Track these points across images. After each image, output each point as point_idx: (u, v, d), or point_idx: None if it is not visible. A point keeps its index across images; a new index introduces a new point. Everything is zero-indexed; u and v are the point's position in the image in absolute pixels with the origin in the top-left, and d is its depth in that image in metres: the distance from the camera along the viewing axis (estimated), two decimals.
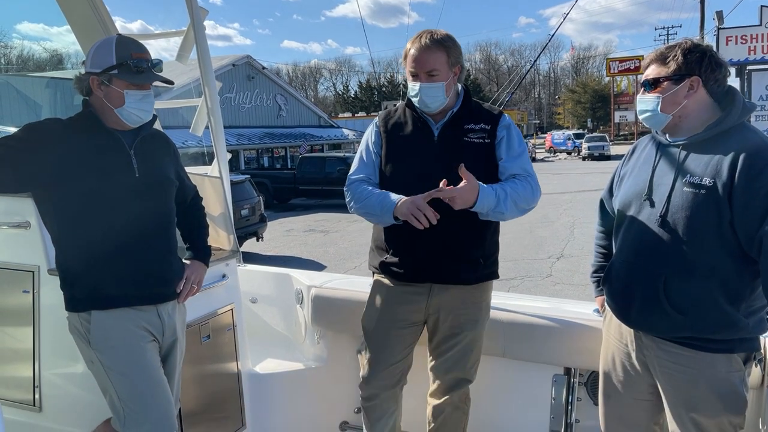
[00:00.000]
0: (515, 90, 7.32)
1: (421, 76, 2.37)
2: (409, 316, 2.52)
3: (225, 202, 3.07)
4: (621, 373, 2.21)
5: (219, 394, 2.90)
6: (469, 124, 2.45)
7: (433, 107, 2.41)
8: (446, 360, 2.54)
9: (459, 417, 2.60)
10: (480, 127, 2.45)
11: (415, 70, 2.37)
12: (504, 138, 2.46)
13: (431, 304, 2.49)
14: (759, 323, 1.97)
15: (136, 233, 2.17)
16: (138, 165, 2.19)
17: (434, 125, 2.46)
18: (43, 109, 5.15)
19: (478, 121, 2.47)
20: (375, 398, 2.58)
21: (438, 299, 2.47)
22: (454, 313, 2.48)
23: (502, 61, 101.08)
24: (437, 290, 2.47)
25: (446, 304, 2.48)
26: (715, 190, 1.88)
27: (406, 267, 2.46)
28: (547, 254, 10.67)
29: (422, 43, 2.36)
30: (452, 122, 2.45)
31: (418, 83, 2.38)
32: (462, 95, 2.50)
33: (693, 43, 2.01)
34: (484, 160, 2.42)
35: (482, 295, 2.55)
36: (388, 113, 2.62)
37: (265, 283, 3.58)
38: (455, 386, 2.55)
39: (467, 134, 2.44)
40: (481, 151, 2.42)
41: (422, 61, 2.36)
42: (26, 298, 2.68)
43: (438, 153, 2.42)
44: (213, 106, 3.09)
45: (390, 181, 2.46)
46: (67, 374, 2.67)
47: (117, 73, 2.11)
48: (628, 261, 2.10)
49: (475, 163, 2.36)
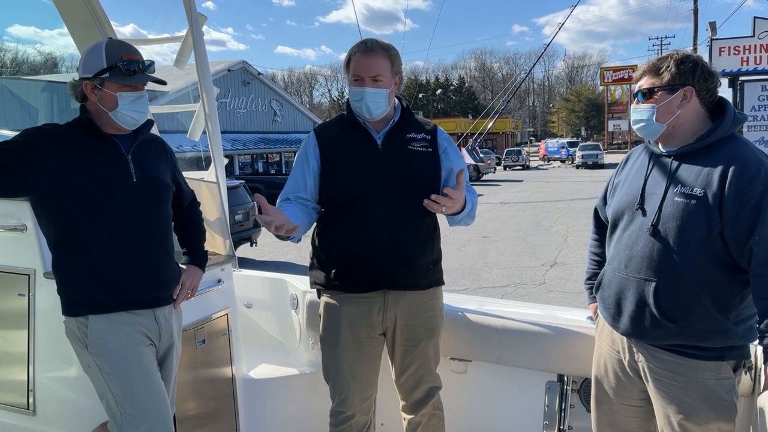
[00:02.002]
0: (511, 98, 7.32)
1: (366, 80, 2.33)
2: (367, 331, 2.46)
3: (222, 206, 3.08)
4: (613, 380, 2.23)
5: (213, 399, 2.90)
6: (410, 133, 2.46)
7: (376, 114, 2.38)
8: (412, 375, 2.53)
9: (436, 423, 2.61)
10: (421, 136, 2.46)
11: (360, 73, 2.33)
12: (447, 147, 2.50)
13: (387, 317, 2.45)
14: (748, 331, 1.99)
15: (133, 238, 2.18)
16: (135, 170, 2.20)
17: (376, 134, 2.43)
18: (39, 112, 5.14)
19: (418, 131, 2.48)
20: (351, 419, 2.51)
21: (393, 307, 2.44)
22: (410, 323, 2.46)
23: (497, 69, 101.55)
24: (392, 298, 2.43)
25: (402, 313, 2.45)
26: (705, 201, 1.91)
27: (361, 276, 2.40)
28: (541, 262, 10.70)
29: (368, 46, 2.35)
30: (394, 131, 2.44)
31: (364, 87, 2.34)
32: (399, 106, 2.50)
33: (684, 53, 2.04)
34: (430, 168, 2.44)
35: (435, 302, 2.54)
36: (324, 125, 2.59)
37: (261, 288, 3.59)
38: (427, 397, 2.55)
39: (410, 143, 2.44)
40: (426, 159, 2.44)
41: (368, 66, 2.33)
42: (21, 301, 2.68)
43: (384, 161, 2.39)
44: (211, 112, 3.10)
45: (336, 193, 2.41)
46: (62, 378, 2.67)
47: (108, 76, 2.12)
48: (620, 269, 2.12)
49: (423, 171, 2.41)
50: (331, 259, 2.44)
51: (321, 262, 2.48)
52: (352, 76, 2.37)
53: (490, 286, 8.92)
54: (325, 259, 2.46)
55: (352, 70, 2.37)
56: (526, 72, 11.36)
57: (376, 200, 2.34)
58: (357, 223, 2.36)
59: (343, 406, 2.50)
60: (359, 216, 2.36)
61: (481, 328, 2.76)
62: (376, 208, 2.34)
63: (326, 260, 2.46)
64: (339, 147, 2.45)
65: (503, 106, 4.37)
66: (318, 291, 2.56)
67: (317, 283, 2.52)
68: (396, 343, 2.51)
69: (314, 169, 2.45)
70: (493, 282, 9.24)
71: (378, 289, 2.42)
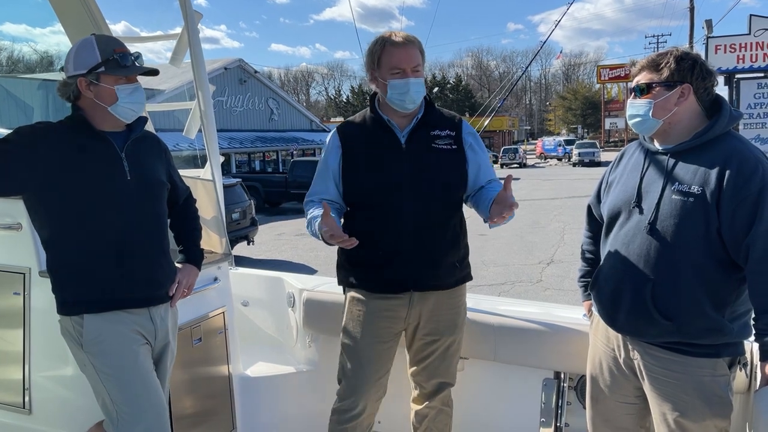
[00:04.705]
0: (507, 96, 7.28)
1: (408, 72, 2.30)
2: (390, 328, 2.46)
3: (217, 205, 3.08)
4: (608, 377, 2.23)
5: (210, 397, 2.90)
6: (434, 130, 2.42)
7: (417, 104, 2.36)
8: (427, 366, 2.52)
9: (443, 420, 2.61)
10: (446, 133, 2.43)
11: (402, 65, 2.29)
12: (472, 144, 2.47)
13: (411, 314, 2.44)
14: (744, 328, 2.00)
15: (127, 236, 2.17)
16: (129, 167, 2.19)
17: (400, 132, 2.39)
18: (34, 111, 5.13)
19: (443, 127, 2.44)
20: (359, 417, 2.49)
21: (419, 307, 2.44)
22: (433, 318, 2.46)
23: (494, 68, 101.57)
24: (417, 298, 2.43)
25: (426, 311, 2.45)
26: (703, 198, 1.91)
27: (387, 278, 2.40)
28: (538, 259, 10.72)
29: (403, 39, 2.31)
30: (418, 129, 2.40)
31: (407, 79, 2.29)
32: (424, 101, 2.43)
33: (683, 51, 2.04)
34: (455, 167, 2.42)
35: (459, 298, 2.54)
36: (347, 122, 2.54)
37: (257, 286, 3.58)
38: (438, 391, 2.55)
39: (434, 140, 2.40)
40: (451, 158, 2.41)
41: (409, 57, 2.30)
42: (17, 300, 2.67)
43: (408, 160, 2.35)
44: (206, 110, 3.10)
45: (359, 192, 2.40)
46: (58, 377, 2.66)
47: (104, 69, 2.11)
48: (616, 267, 2.12)
49: (447, 170, 2.38)
50: (358, 259, 2.43)
51: (349, 262, 2.48)
52: (389, 69, 2.31)
53: (487, 284, 8.93)
54: (352, 260, 2.45)
55: (387, 64, 2.31)
56: (523, 70, 11.22)
57: (400, 202, 2.32)
58: (382, 225, 2.35)
59: (354, 403, 2.47)
60: (384, 217, 2.35)
61: (477, 325, 2.76)
62: (400, 210, 2.33)
63: (354, 260, 2.45)
64: (362, 147, 2.41)
65: (499, 104, 4.37)
66: (344, 288, 2.56)
67: (343, 281, 2.53)
68: (416, 336, 2.51)
69: (334, 171, 2.43)
70: (490, 280, 9.25)
71: (405, 291, 2.42)
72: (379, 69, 2.35)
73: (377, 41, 2.35)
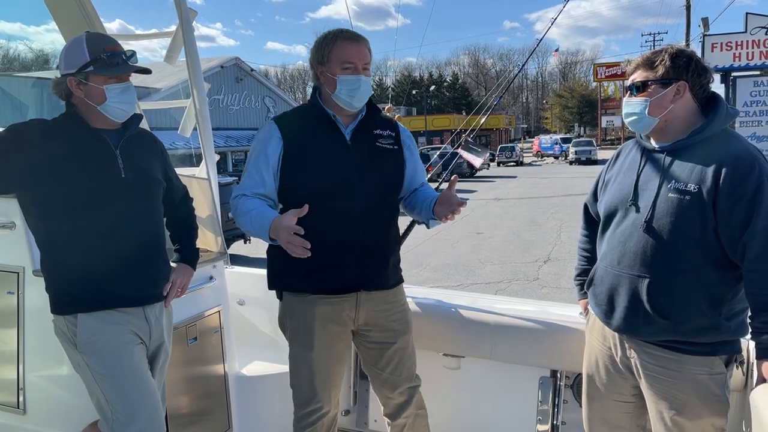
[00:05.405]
0: (503, 94, 7.29)
1: (359, 69, 2.26)
2: (342, 332, 2.40)
3: (213, 203, 3.06)
4: (604, 375, 2.23)
5: (206, 397, 2.89)
6: (376, 129, 2.40)
7: (363, 103, 2.33)
8: (390, 376, 2.46)
9: (421, 422, 2.58)
10: (387, 133, 2.41)
11: (353, 61, 2.25)
12: (410, 146, 2.48)
13: (359, 313, 2.37)
14: (740, 326, 1.99)
15: (122, 234, 2.16)
16: (124, 165, 2.18)
17: (344, 129, 2.33)
18: (29, 109, 5.11)
19: (384, 127, 2.42)
20: (326, 414, 2.43)
21: (365, 307, 2.37)
22: (385, 320, 2.42)
23: (491, 66, 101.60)
24: (364, 299, 2.36)
25: (372, 311, 2.39)
26: (700, 196, 1.91)
27: (335, 279, 2.30)
28: (534, 258, 10.72)
29: (354, 35, 2.29)
30: (361, 127, 2.36)
31: (359, 75, 2.26)
32: None
33: (678, 48, 2.04)
34: (397, 168, 2.41)
35: (401, 298, 2.52)
36: (284, 115, 2.44)
37: (253, 285, 3.57)
38: (409, 398, 2.50)
39: (378, 140, 2.38)
40: (393, 158, 2.40)
41: (361, 53, 2.28)
42: (10, 299, 2.65)
43: (354, 159, 2.29)
44: (201, 108, 3.08)
45: (303, 190, 2.25)
46: (52, 376, 2.65)
47: (93, 69, 2.09)
48: (613, 265, 2.11)
49: (390, 170, 2.38)
50: (302, 261, 2.08)
51: (287, 265, 2.24)
52: (340, 64, 2.26)
53: (484, 282, 8.93)
54: (295, 262, 2.10)
55: (338, 59, 2.26)
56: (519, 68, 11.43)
57: (348, 201, 2.26)
58: (329, 225, 2.23)
59: (315, 405, 2.40)
60: (331, 217, 2.24)
61: (474, 324, 2.75)
62: (349, 210, 2.26)
63: (296, 263, 2.10)
64: (305, 141, 2.31)
65: (495, 102, 4.37)
66: (279, 293, 2.44)
67: (286, 284, 2.39)
68: (372, 345, 2.45)
69: (273, 165, 2.30)
70: (487, 278, 9.26)
71: (352, 292, 2.35)
72: (328, 63, 2.28)
73: (328, 35, 2.31)
